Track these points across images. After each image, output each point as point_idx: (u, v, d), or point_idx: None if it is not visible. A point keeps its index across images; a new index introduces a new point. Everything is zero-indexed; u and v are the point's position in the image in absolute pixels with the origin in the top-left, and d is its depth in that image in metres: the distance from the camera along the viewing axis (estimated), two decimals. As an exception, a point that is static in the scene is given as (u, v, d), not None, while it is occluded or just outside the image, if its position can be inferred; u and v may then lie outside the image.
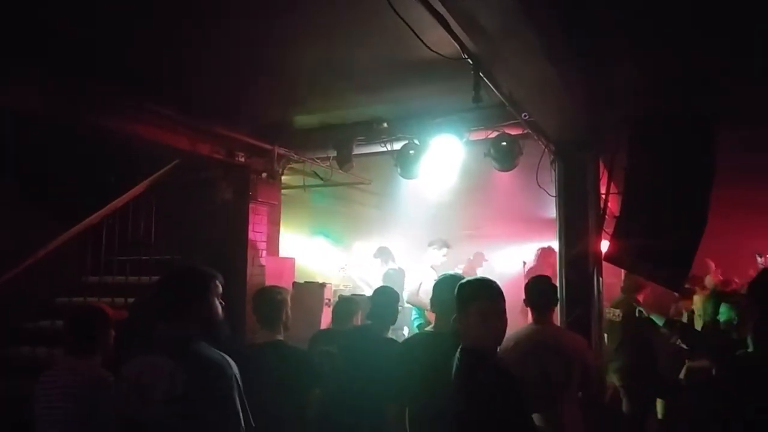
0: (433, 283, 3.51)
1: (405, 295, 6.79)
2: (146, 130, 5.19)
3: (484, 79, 3.62)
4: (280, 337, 3.58)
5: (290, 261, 7.27)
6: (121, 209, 6.07)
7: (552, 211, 5.37)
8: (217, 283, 2.54)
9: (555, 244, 5.32)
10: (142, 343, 2.43)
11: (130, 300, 5.52)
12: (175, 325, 2.40)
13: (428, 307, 6.42)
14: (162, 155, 6.04)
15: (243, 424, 2.30)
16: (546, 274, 4.42)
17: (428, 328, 3.57)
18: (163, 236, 6.08)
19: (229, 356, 2.40)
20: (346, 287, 8.80)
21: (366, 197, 9.42)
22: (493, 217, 10.27)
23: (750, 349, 2.81)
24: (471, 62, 3.48)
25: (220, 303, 2.54)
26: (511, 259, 10.53)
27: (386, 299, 4.07)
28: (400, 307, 4.57)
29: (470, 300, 2.60)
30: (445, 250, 7.34)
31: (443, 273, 3.58)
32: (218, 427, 2.26)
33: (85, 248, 6.02)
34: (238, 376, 2.35)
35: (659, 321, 5.35)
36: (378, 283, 7.57)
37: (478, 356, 2.53)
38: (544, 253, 8.48)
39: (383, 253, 8.34)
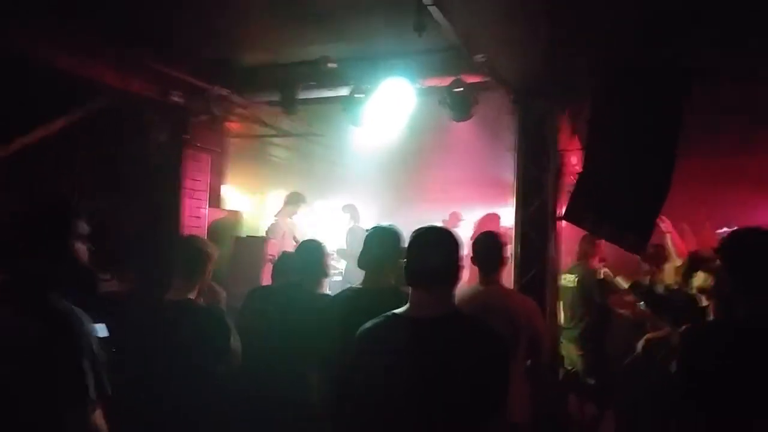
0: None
1: None
2: (65, 58, 4.61)
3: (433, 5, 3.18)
4: (191, 296, 3.15)
5: (236, 215, 6.82)
6: (35, 147, 5.22)
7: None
8: (81, 222, 2.13)
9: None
10: None
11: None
12: (22, 268, 1.98)
13: None
14: (88, 90, 5.40)
15: (92, 393, 1.89)
16: None
17: (357, 285, 3.19)
18: (88, 179, 5.48)
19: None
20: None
21: (326, 153, 8.98)
22: (458, 180, 9.95)
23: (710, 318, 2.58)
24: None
25: (87, 247, 2.13)
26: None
27: (310, 252, 3.66)
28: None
29: None
30: (302, 206, 7.04)
31: (375, 225, 3.16)
32: (57, 394, 1.85)
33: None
34: (94, 334, 1.97)
35: (624, 284, 5.02)
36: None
37: None
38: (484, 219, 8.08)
39: (351, 209, 8.15)
